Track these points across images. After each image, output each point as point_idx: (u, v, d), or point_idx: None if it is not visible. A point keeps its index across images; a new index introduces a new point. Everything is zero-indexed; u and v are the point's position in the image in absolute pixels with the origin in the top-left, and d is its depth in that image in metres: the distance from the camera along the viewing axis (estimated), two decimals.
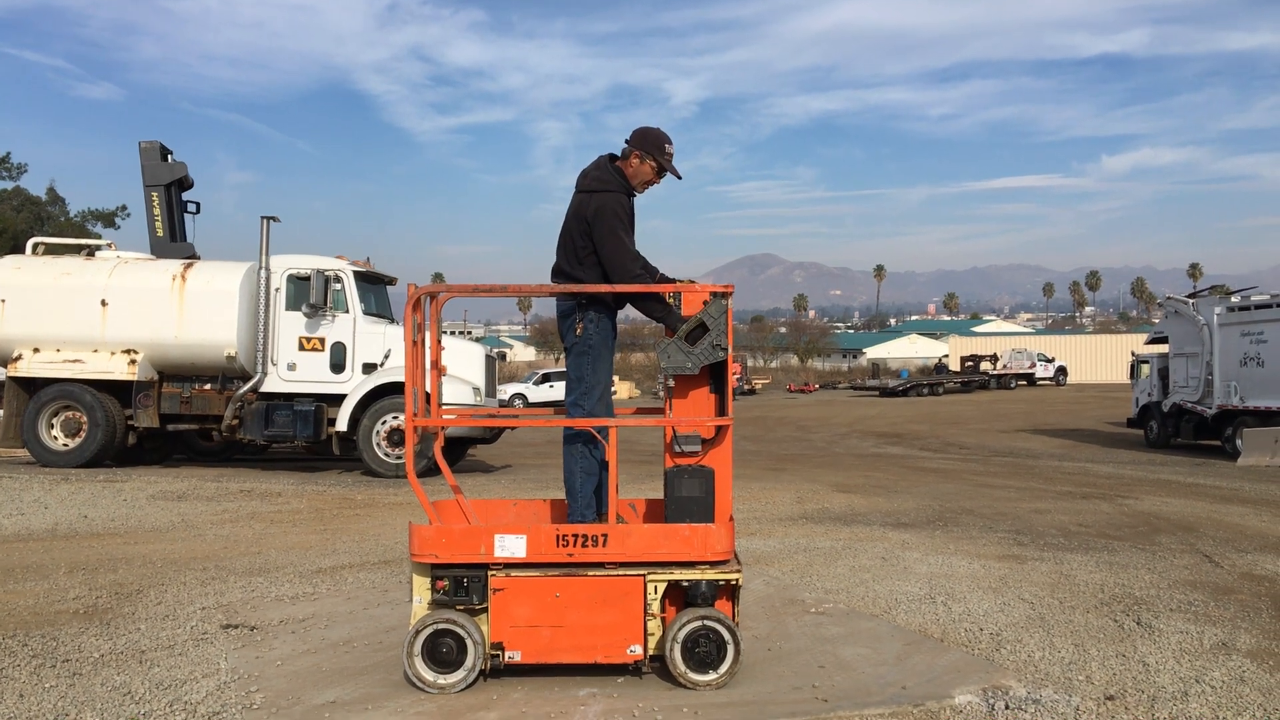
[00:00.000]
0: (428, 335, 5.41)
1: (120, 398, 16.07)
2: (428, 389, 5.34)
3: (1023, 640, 5.98)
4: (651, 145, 5.50)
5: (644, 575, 4.99)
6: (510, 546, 4.97)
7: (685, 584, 5.03)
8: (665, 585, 5.02)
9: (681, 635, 4.96)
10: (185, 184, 18.40)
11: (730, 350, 5.15)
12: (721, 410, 5.23)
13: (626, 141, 5.58)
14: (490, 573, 4.98)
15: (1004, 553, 9.09)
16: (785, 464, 20.08)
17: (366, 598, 7.14)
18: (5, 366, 16.32)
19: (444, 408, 15.03)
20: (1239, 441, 21.33)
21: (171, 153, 18.26)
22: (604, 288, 5.34)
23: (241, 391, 15.92)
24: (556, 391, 50.60)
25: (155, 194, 17.88)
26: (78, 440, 15.92)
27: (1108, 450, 24.84)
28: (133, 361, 15.93)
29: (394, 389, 15.79)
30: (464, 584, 4.98)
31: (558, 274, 5.62)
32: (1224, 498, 13.88)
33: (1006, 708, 4.74)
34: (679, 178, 5.65)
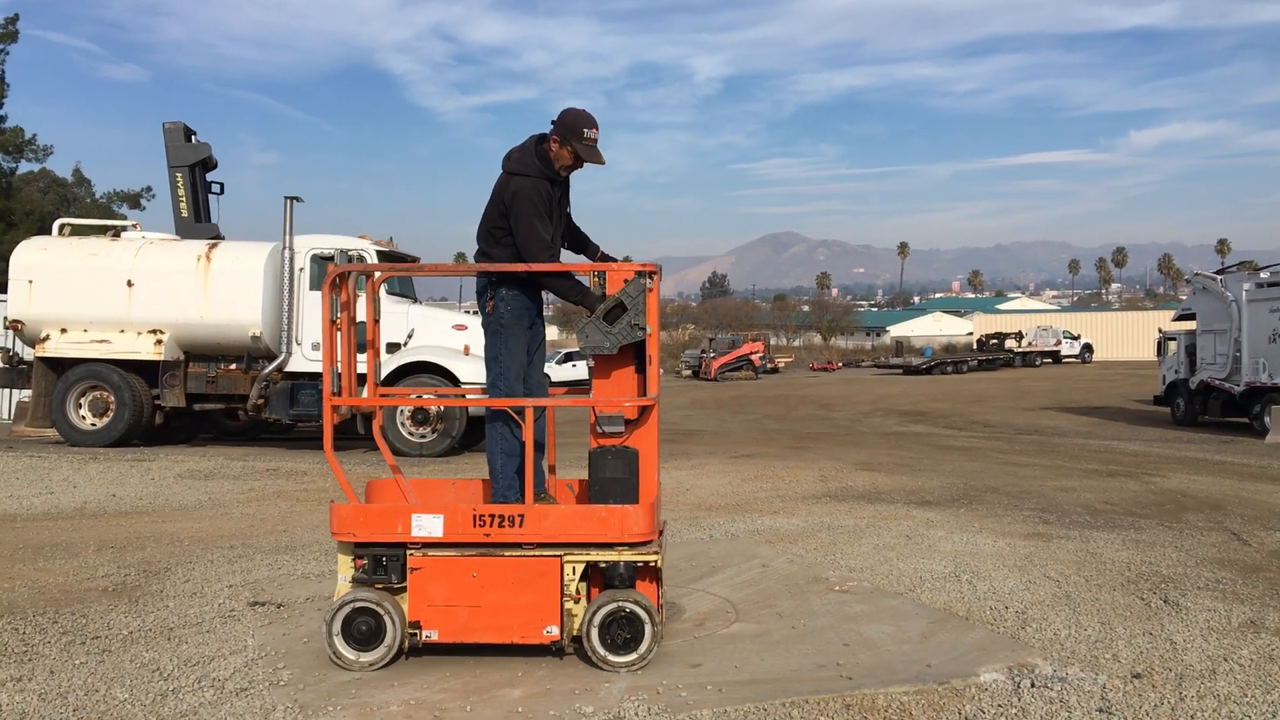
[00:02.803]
0: (370, 313, 5.40)
1: (147, 378, 16.20)
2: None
3: (1048, 618, 5.95)
4: (568, 130, 5.38)
5: (560, 556, 4.97)
6: (427, 526, 4.97)
7: (604, 565, 5.01)
8: (583, 566, 4.99)
9: (598, 617, 4.93)
10: (209, 165, 18.47)
11: (652, 330, 5.08)
12: (644, 390, 5.19)
13: (552, 122, 5.46)
14: (408, 552, 4.99)
15: (1029, 531, 9.05)
16: (808, 442, 20.03)
17: None
18: (33, 347, 16.47)
19: (467, 387, 15.06)
20: (1267, 419, 21.13)
21: (195, 134, 18.32)
22: (518, 267, 5.29)
23: (266, 371, 16.01)
24: (579, 371, 50.64)
25: (179, 175, 17.96)
26: (105, 420, 16.08)
27: (1134, 428, 24.65)
28: (159, 341, 16.05)
29: (418, 368, 15.82)
30: (383, 563, 5.01)
31: (477, 253, 5.63)
32: (1252, 475, 13.76)
33: (1032, 686, 4.72)
34: (600, 163, 5.47)
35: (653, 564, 5.03)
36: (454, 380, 15.53)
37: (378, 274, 5.80)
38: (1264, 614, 6.11)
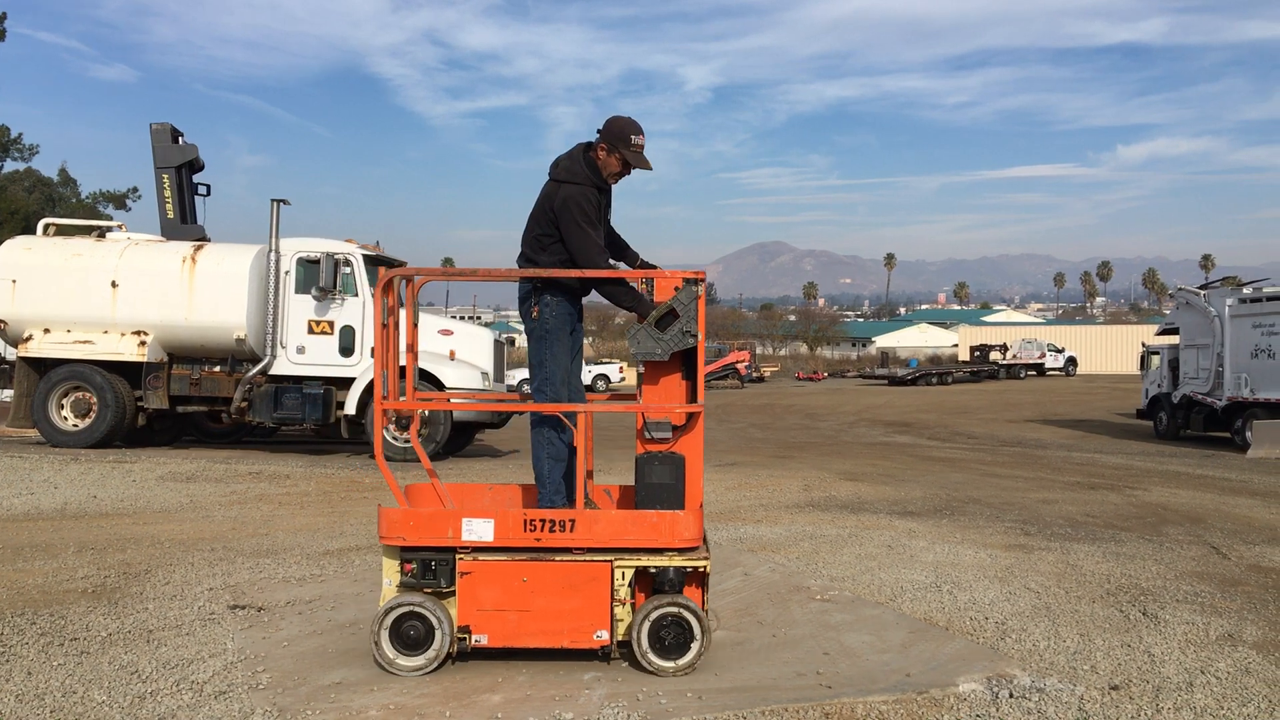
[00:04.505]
0: (404, 318, 5.42)
1: (130, 379, 16.12)
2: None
3: (1028, 629, 5.98)
4: (616, 138, 5.44)
5: (611, 561, 4.98)
6: (478, 530, 4.97)
7: (653, 570, 5.02)
8: (633, 572, 5.01)
9: (648, 622, 4.94)
10: (196, 166, 18.42)
11: (701, 337, 5.12)
12: (692, 397, 5.22)
13: (598, 131, 5.53)
14: (458, 556, 4.99)
15: (1010, 542, 9.09)
16: (793, 452, 20.08)
17: (373, 580, 7.15)
18: (16, 347, 16.39)
19: (452, 391, 15.06)
20: (1249, 433, 21.28)
21: (183, 135, 18.27)
22: (573, 272, 5.34)
23: (251, 374, 15.95)
24: None
25: (166, 176, 17.91)
26: (87, 421, 15.99)
27: (1116, 441, 24.77)
28: (143, 343, 15.98)
29: (401, 373, 15.81)
30: (431, 567, 4.99)
31: (520, 259, 5.65)
32: (1233, 490, 13.84)
33: (1010, 696, 4.74)
34: (648, 169, 5.56)
35: (703, 569, 5.06)
36: (439, 385, 15.53)
37: (417, 279, 5.77)
38: (1241, 628, 6.15)
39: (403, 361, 5.60)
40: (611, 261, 5.68)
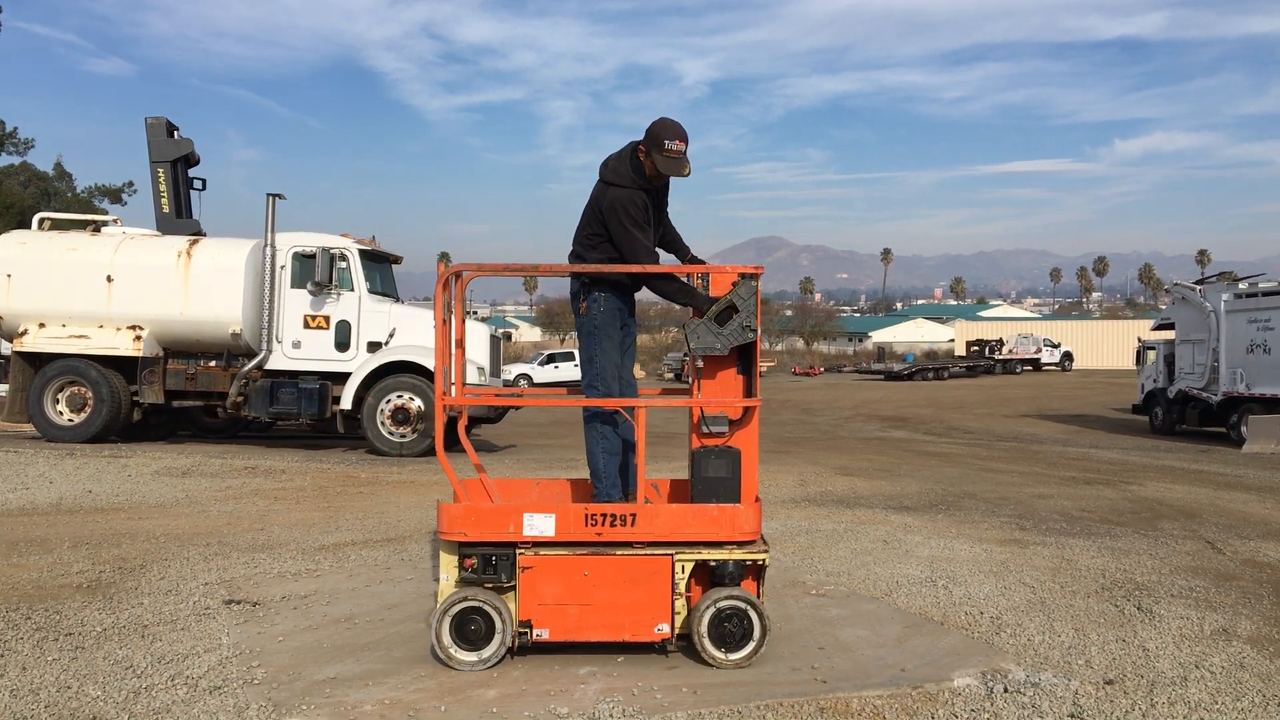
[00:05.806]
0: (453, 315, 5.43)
1: (125, 374, 16.10)
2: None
3: (1023, 624, 5.98)
4: (651, 142, 5.41)
5: (672, 555, 5.02)
6: (539, 525, 5.00)
7: (712, 564, 5.05)
8: (692, 565, 5.04)
9: (709, 614, 4.98)
10: (191, 160, 18.37)
11: (759, 332, 5.15)
12: (749, 391, 5.23)
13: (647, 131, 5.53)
14: (519, 551, 5.01)
15: (1006, 537, 9.10)
16: (789, 446, 20.07)
17: (369, 575, 7.17)
18: (11, 341, 16.35)
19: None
20: (1244, 428, 21.28)
21: (178, 129, 18.22)
22: (628, 268, 5.37)
23: (246, 369, 15.93)
24: (561, 372, 50.64)
25: (161, 170, 17.86)
26: (83, 415, 15.96)
27: (1112, 436, 24.80)
28: (138, 337, 15.96)
29: (398, 368, 15.80)
30: (492, 562, 5.02)
31: (571, 255, 5.68)
32: (1228, 484, 13.86)
33: (1005, 690, 4.75)
34: (680, 175, 5.44)
35: (761, 562, 5.09)
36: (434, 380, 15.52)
37: (465, 274, 5.74)
38: (1236, 622, 6.16)
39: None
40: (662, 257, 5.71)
